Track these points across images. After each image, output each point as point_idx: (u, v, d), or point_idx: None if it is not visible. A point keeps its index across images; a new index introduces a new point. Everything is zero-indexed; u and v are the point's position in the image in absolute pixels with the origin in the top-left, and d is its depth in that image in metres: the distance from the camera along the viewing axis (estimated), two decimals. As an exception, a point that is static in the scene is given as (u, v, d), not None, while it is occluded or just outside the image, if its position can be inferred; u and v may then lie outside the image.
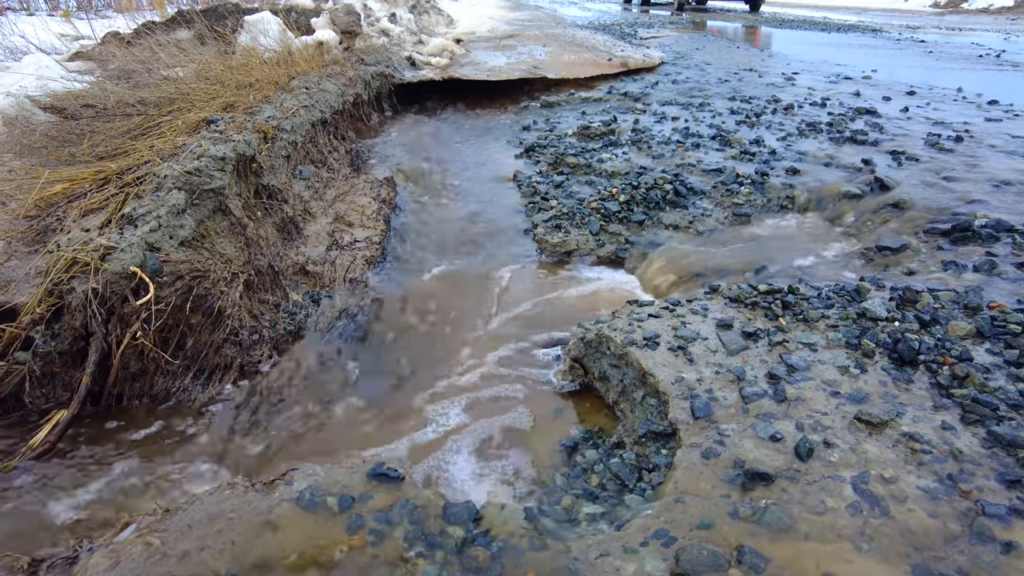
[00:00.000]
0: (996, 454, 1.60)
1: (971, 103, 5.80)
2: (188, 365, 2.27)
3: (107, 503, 1.79)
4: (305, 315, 2.69)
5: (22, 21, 7.09)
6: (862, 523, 1.42)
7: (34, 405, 2.06)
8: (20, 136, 3.18)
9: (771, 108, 5.62)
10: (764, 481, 1.54)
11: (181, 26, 6.08)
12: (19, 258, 2.23)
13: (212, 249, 2.51)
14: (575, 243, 3.34)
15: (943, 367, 1.93)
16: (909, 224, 3.10)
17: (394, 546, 1.40)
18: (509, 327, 2.74)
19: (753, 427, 1.73)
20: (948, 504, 1.46)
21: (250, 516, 1.46)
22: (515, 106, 6.34)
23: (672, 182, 3.79)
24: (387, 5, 7.60)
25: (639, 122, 5.26)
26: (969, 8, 22.56)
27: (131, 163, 2.65)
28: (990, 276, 2.52)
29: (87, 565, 1.34)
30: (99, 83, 4.28)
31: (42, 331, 2.03)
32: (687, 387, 1.92)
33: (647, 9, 19.62)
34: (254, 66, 4.44)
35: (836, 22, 16.44)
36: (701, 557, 1.33)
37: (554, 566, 1.35)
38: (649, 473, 1.76)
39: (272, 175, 3.16)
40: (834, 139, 4.55)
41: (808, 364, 1.99)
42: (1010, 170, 3.64)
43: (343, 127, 4.66)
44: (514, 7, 15.48)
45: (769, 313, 2.30)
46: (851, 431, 1.70)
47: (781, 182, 3.77)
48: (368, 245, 3.28)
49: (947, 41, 11.98)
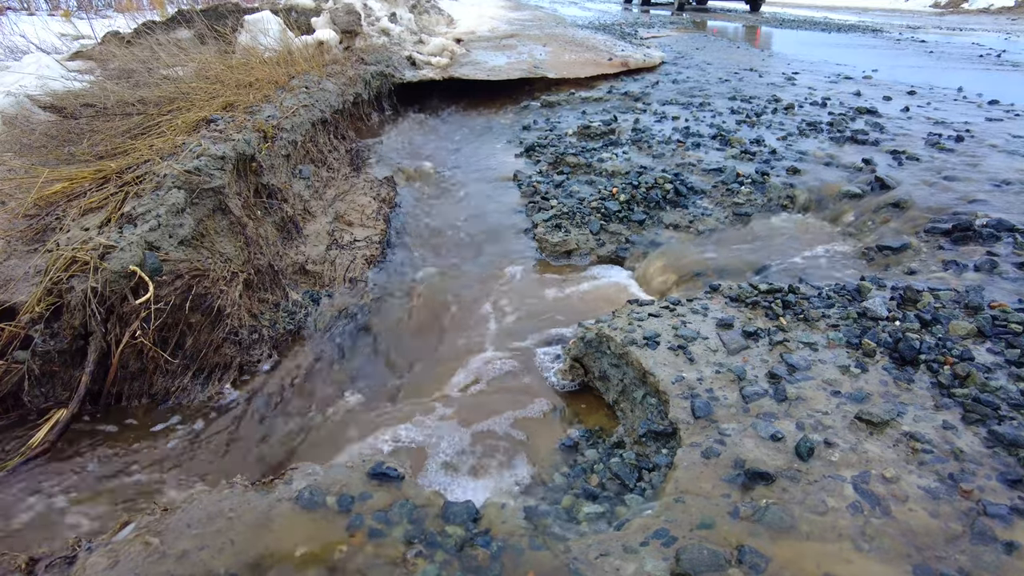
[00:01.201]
0: (997, 454, 1.59)
1: (972, 103, 5.80)
2: (187, 364, 2.27)
3: (106, 502, 1.79)
4: (305, 314, 2.69)
5: (22, 21, 7.09)
6: (863, 523, 1.41)
7: (33, 404, 2.05)
8: (20, 135, 3.18)
9: (771, 108, 5.61)
10: (765, 481, 1.53)
11: (181, 26, 6.08)
12: (18, 257, 2.23)
13: (212, 248, 2.50)
14: (575, 242, 3.34)
15: (944, 366, 1.93)
16: (910, 223, 3.10)
17: (394, 545, 1.39)
18: (509, 326, 2.74)
19: (754, 427, 1.72)
20: (949, 504, 1.46)
21: (249, 515, 1.46)
22: (515, 106, 6.34)
23: (672, 181, 3.78)
24: (387, 5, 7.59)
25: (639, 122, 5.26)
26: (969, 8, 22.55)
27: (131, 162, 2.64)
28: (991, 275, 2.51)
29: (85, 564, 1.34)
30: (99, 82, 4.28)
31: (41, 330, 2.03)
32: (687, 386, 1.91)
33: (647, 9, 19.62)
34: (254, 65, 4.43)
35: (836, 22, 16.42)
36: (701, 557, 1.32)
37: (554, 565, 1.35)
38: (649, 473, 1.76)
39: (272, 174, 3.16)
40: (835, 139, 4.55)
41: (809, 363, 1.99)
42: (1011, 170, 3.63)
43: (343, 126, 4.65)
44: (514, 7, 15.48)
45: (770, 312, 2.30)
46: (852, 431, 1.70)
47: (781, 182, 3.76)
48: (368, 244, 3.28)
49: (948, 41, 11.97)
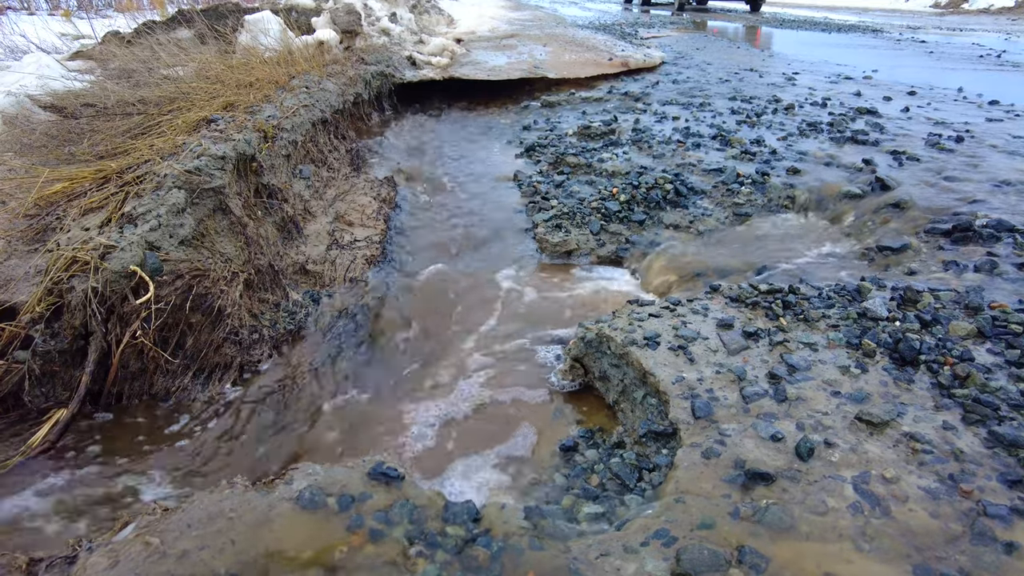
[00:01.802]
0: (997, 454, 1.59)
1: (972, 103, 5.80)
2: (188, 364, 2.27)
3: (106, 502, 1.79)
4: (305, 314, 2.69)
5: (23, 20, 7.09)
6: (863, 523, 1.41)
7: (33, 404, 2.05)
8: (20, 135, 3.18)
9: (772, 108, 5.61)
10: (765, 481, 1.53)
11: (181, 25, 6.08)
12: (19, 257, 2.23)
13: (212, 248, 2.50)
14: (576, 243, 3.34)
15: (944, 367, 1.93)
16: (910, 224, 3.10)
17: (394, 546, 1.39)
18: (509, 326, 2.74)
19: (754, 427, 1.72)
20: (949, 504, 1.46)
21: (250, 515, 1.46)
22: (516, 106, 6.34)
23: (673, 182, 3.78)
24: (388, 5, 7.59)
25: (640, 122, 5.26)
26: (970, 8, 22.55)
27: (131, 162, 2.64)
28: (991, 276, 2.51)
29: (86, 564, 1.34)
30: (99, 82, 4.28)
31: (42, 330, 2.03)
32: (688, 387, 1.92)
33: (648, 9, 19.62)
34: (254, 65, 4.43)
35: (837, 22, 16.42)
36: (702, 557, 1.32)
37: (554, 566, 1.35)
38: (650, 473, 1.76)
39: (272, 174, 3.16)
40: (835, 139, 4.55)
41: (809, 364, 1.99)
42: (1011, 170, 3.63)
43: (343, 126, 4.65)
44: (515, 7, 15.48)
45: (770, 313, 2.30)
46: (852, 431, 1.70)
47: (782, 182, 3.76)
48: (368, 244, 3.28)
49: (948, 41, 11.97)
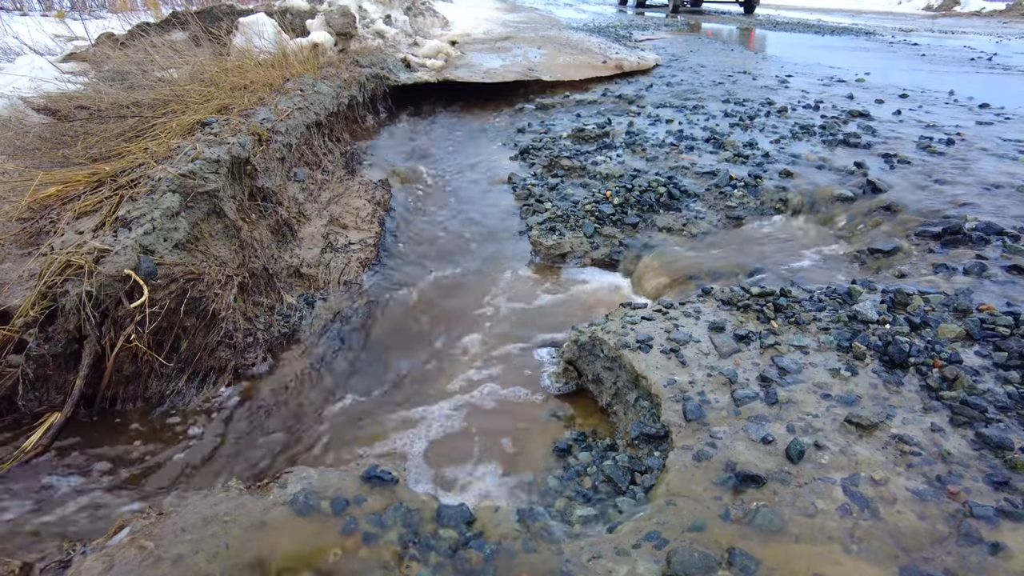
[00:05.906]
0: (984, 456, 1.62)
1: (963, 106, 5.85)
2: (182, 368, 2.27)
3: (101, 506, 1.79)
4: (300, 317, 2.69)
5: (15, 21, 7.06)
6: (852, 525, 1.43)
7: (27, 408, 2.05)
8: (13, 138, 3.17)
9: (765, 111, 5.65)
10: (755, 483, 1.55)
11: (176, 27, 6.07)
12: (13, 260, 2.23)
13: (206, 252, 2.51)
14: (569, 245, 3.36)
15: (933, 369, 1.95)
16: (901, 227, 3.13)
17: (388, 549, 1.40)
18: (503, 329, 2.75)
19: (745, 429, 1.74)
20: (937, 506, 1.48)
21: (244, 519, 1.46)
22: (510, 108, 6.35)
23: (666, 184, 3.81)
24: (382, 7, 7.60)
25: (633, 124, 5.28)
26: (962, 11, 22.73)
27: (125, 165, 2.64)
28: (980, 279, 2.54)
29: (80, 569, 1.34)
30: (93, 84, 4.27)
31: (35, 334, 2.03)
32: (679, 389, 1.93)
33: (642, 11, 19.68)
34: (249, 68, 4.43)
35: (830, 25, 16.53)
36: (692, 559, 1.34)
37: (547, 568, 1.36)
38: (642, 475, 1.77)
39: (267, 177, 3.16)
40: (827, 142, 4.58)
41: (800, 367, 2.01)
42: (1000, 173, 3.67)
43: (338, 129, 4.66)
44: (510, 9, 15.51)
45: (761, 316, 2.32)
46: (842, 433, 1.72)
47: (774, 185, 3.79)
48: (363, 247, 3.28)
49: (940, 44, 12.06)
